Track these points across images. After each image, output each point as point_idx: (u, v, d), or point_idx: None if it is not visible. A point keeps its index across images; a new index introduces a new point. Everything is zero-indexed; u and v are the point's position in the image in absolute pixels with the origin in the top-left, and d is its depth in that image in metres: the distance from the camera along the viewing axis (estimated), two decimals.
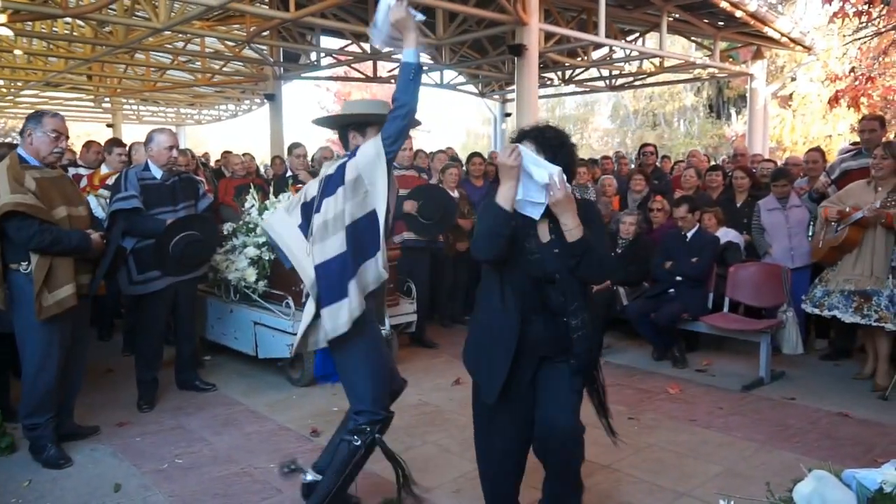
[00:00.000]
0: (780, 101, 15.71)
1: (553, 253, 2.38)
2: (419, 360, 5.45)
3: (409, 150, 5.72)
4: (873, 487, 1.35)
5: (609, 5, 9.28)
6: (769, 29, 10.88)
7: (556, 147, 2.38)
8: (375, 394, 2.76)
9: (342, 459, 2.74)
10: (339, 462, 2.75)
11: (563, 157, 2.37)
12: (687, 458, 3.56)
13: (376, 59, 12.16)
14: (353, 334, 2.68)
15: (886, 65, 10.76)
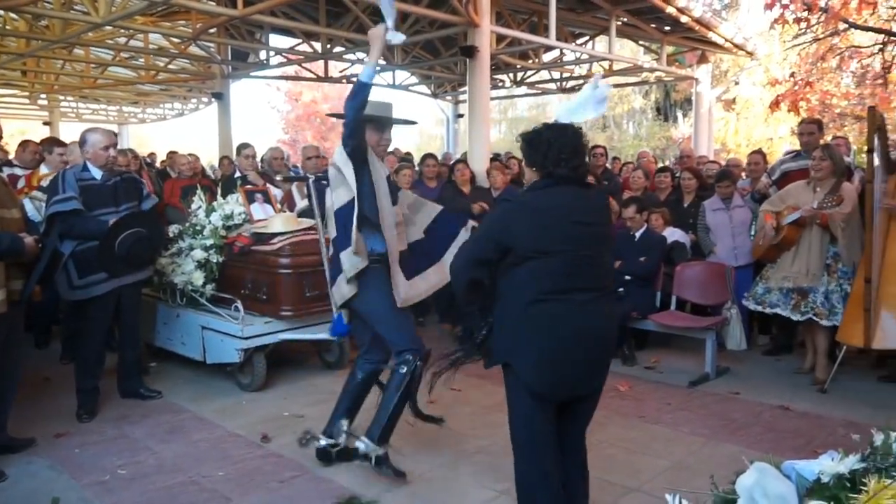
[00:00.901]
0: (724, 104, 16.14)
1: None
2: None
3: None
4: (811, 478, 1.39)
5: (559, 8, 9.37)
6: (713, 34, 11.16)
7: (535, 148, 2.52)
8: (409, 335, 3.31)
9: (395, 386, 3.29)
10: (392, 390, 3.30)
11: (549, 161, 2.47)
12: (636, 453, 3.61)
13: (328, 58, 12.03)
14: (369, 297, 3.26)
15: (824, 70, 11.17)
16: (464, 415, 4.23)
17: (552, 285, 2.40)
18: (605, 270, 2.57)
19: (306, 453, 3.63)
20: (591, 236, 2.47)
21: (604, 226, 2.59)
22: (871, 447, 1.39)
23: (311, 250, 4.70)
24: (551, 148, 2.48)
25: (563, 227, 2.43)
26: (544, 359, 2.42)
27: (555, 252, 2.41)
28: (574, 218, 2.45)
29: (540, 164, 2.51)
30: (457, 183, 6.50)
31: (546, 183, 2.51)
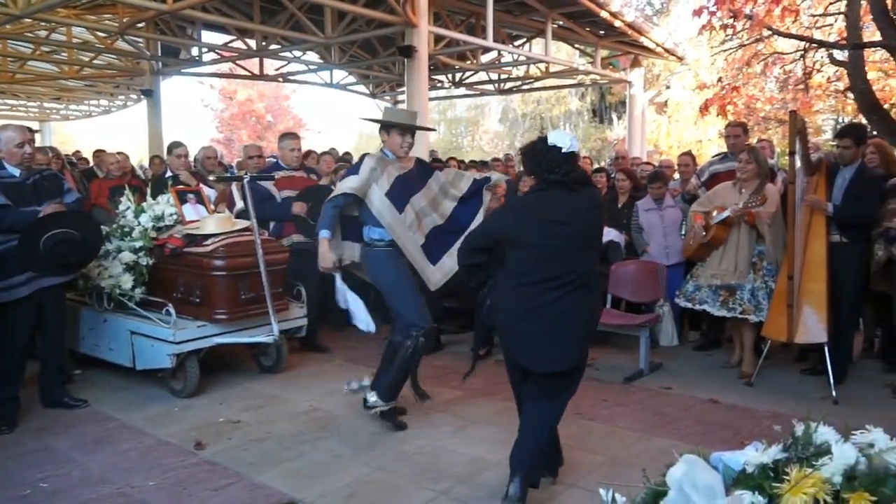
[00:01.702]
0: (656, 107, 16.59)
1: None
2: (310, 365, 5.33)
3: (297, 151, 5.59)
4: (737, 468, 1.43)
5: (497, 10, 9.47)
6: (645, 39, 11.49)
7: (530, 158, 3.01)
8: (413, 310, 3.79)
9: (401, 357, 3.82)
10: (398, 360, 3.82)
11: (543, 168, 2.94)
12: (574, 449, 3.66)
13: (263, 56, 11.82)
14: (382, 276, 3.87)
15: (749, 75, 11.60)
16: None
17: (526, 273, 2.89)
18: (580, 263, 2.92)
19: (242, 459, 3.55)
20: (569, 234, 2.88)
21: (587, 222, 2.95)
22: (792, 437, 1.44)
23: (247, 252, 4.60)
24: (544, 159, 2.94)
25: (541, 226, 2.89)
26: (512, 333, 2.99)
27: (530, 245, 2.89)
28: (554, 218, 2.89)
29: (536, 171, 3.01)
30: None
31: (539, 187, 2.99)
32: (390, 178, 3.80)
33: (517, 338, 2.97)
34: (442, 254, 3.92)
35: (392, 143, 3.86)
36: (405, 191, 3.83)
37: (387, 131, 3.87)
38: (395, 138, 3.85)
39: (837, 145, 4.80)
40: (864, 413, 4.05)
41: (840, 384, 4.50)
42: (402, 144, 3.86)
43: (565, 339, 2.91)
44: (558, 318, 2.87)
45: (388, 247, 3.81)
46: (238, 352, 5.34)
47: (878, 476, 1.31)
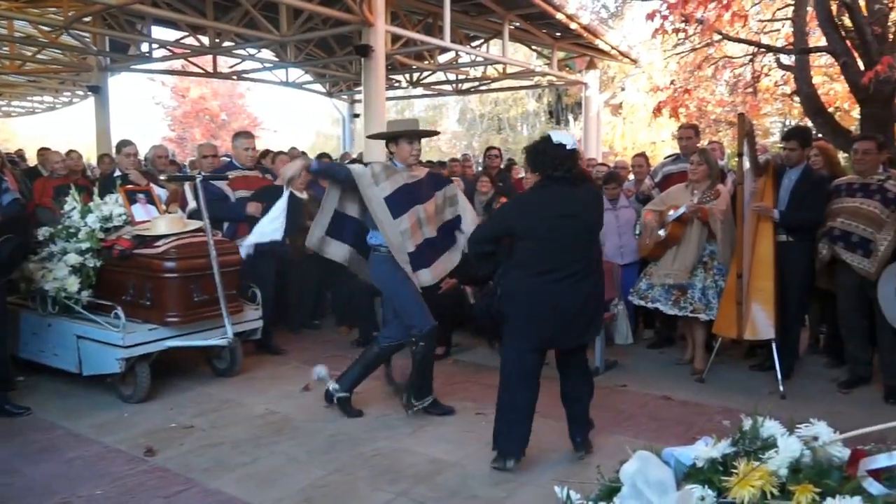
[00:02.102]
0: (611, 108, 16.85)
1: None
2: (266, 368, 5.25)
3: (252, 150, 5.49)
4: (688, 463, 1.46)
5: (454, 11, 9.48)
6: (600, 41, 11.65)
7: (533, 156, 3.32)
8: (413, 313, 3.97)
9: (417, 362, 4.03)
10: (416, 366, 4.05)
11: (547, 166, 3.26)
12: (531, 448, 3.67)
13: (216, 53, 11.60)
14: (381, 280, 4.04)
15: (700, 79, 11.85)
16: (360, 418, 4.18)
17: (536, 264, 3.22)
18: (585, 253, 3.30)
19: (195, 465, 3.48)
20: (573, 226, 3.23)
21: (589, 216, 3.33)
22: (740, 432, 1.47)
23: (200, 253, 4.51)
24: (549, 157, 3.24)
25: (549, 220, 3.20)
26: (524, 317, 3.29)
27: (538, 238, 3.21)
28: (561, 212, 3.20)
29: (541, 169, 3.29)
30: None
31: (544, 183, 3.29)
32: (395, 184, 3.90)
33: (525, 319, 3.29)
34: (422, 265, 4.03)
35: (402, 152, 3.99)
36: (409, 199, 3.94)
37: (395, 142, 4.00)
38: (405, 147, 3.98)
39: (784, 147, 4.94)
40: (810, 407, 4.17)
41: (787, 379, 4.63)
42: (411, 152, 4.00)
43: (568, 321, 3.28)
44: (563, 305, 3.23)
45: (389, 253, 3.93)
46: (191, 355, 5.22)
47: (821, 468, 1.34)
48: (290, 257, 6.03)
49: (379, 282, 4.09)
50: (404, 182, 3.94)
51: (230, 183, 5.21)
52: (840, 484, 1.30)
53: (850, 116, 9.89)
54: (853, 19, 6.82)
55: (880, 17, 7.16)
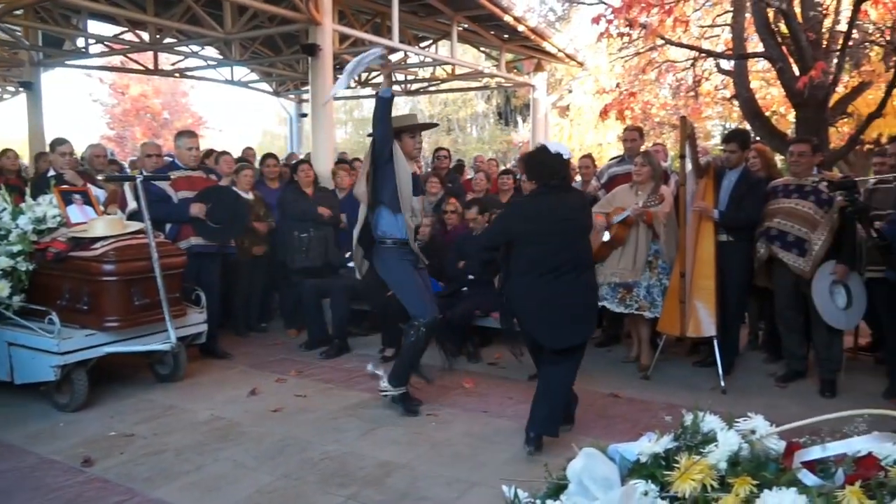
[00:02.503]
0: (559, 110, 17.06)
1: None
2: (211, 373, 5.14)
3: (195, 150, 5.35)
4: (632, 459, 1.48)
5: (402, 11, 9.45)
6: (547, 44, 11.78)
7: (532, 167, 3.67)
8: (418, 303, 4.11)
9: (406, 346, 4.18)
10: (404, 350, 4.22)
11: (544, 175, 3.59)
12: (480, 448, 3.70)
13: (157, 49, 11.29)
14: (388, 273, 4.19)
15: (644, 82, 12.12)
16: (309, 421, 4.13)
17: (540, 265, 3.51)
18: (582, 252, 3.63)
19: (136, 474, 3.37)
20: (571, 229, 3.56)
21: (582, 219, 3.68)
22: (682, 427, 1.51)
23: (140, 255, 4.38)
24: (547, 166, 3.57)
25: (550, 224, 3.50)
26: (533, 318, 3.59)
27: (542, 242, 3.50)
28: (560, 216, 3.53)
29: (537, 177, 3.62)
30: (300, 184, 6.33)
31: (541, 191, 3.60)
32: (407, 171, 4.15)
33: (537, 322, 3.60)
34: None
35: (407, 146, 4.16)
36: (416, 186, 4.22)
37: (398, 137, 4.13)
38: (408, 141, 4.18)
39: (724, 150, 5.08)
40: (749, 401, 4.30)
41: (728, 375, 4.76)
42: (414, 145, 4.23)
43: (578, 317, 3.58)
44: (570, 302, 3.53)
45: (395, 245, 4.14)
46: (132, 361, 5.08)
47: (759, 461, 1.38)
48: (236, 259, 5.93)
49: (385, 272, 4.23)
50: (413, 171, 4.22)
51: (173, 183, 5.08)
52: (776, 476, 1.34)
53: (786, 120, 10.25)
54: (789, 26, 7.08)
55: (814, 24, 7.46)
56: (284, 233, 6.15)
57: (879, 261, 4.35)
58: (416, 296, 4.15)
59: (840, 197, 4.30)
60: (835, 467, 1.35)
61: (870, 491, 1.24)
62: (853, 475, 1.29)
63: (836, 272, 4.42)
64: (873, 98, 8.33)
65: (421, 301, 4.15)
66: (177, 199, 5.12)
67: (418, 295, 4.16)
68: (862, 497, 1.21)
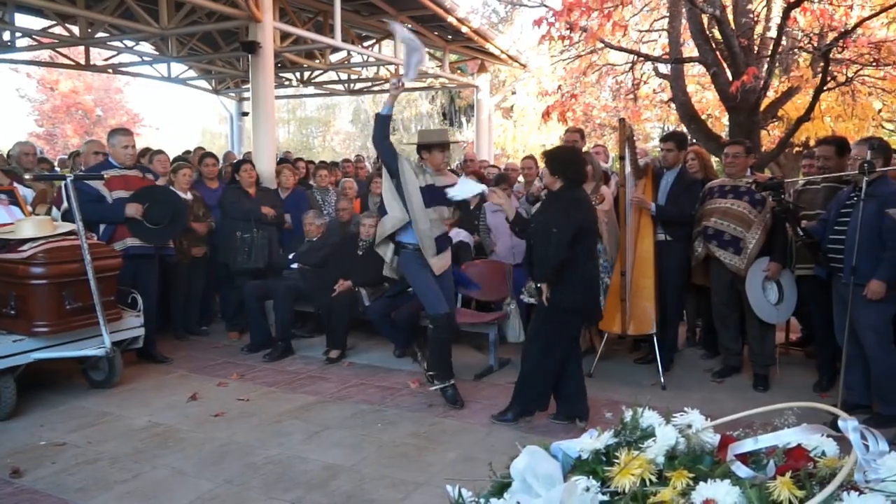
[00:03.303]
0: (503, 112, 17.20)
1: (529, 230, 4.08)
2: (149, 378, 4.99)
3: (131, 148, 5.18)
4: (574, 455, 1.51)
5: (345, 10, 9.38)
6: (491, 45, 11.86)
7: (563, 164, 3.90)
8: (431, 302, 4.37)
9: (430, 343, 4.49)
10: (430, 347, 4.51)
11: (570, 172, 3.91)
12: (426, 448, 3.70)
13: (89, 44, 10.88)
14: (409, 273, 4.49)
15: (586, 84, 12.32)
16: (251, 425, 4.05)
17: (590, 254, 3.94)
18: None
19: (69, 485, 3.25)
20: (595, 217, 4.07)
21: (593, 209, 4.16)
22: (622, 423, 1.54)
23: (72, 257, 4.22)
24: (574, 163, 3.91)
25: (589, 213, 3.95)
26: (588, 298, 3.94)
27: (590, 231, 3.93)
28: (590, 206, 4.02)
29: (562, 172, 3.86)
30: (241, 184, 6.21)
31: (571, 186, 3.88)
32: (426, 181, 4.38)
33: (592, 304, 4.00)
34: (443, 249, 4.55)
35: (435, 160, 4.43)
36: (436, 196, 4.37)
37: (427, 150, 4.44)
38: (437, 155, 4.44)
39: (662, 148, 5.22)
40: (688, 396, 4.43)
41: (667, 371, 4.90)
42: (442, 160, 4.47)
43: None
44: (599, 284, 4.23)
45: (416, 250, 4.39)
46: (64, 367, 4.89)
47: (695, 454, 1.42)
48: (175, 261, 5.77)
49: (406, 272, 4.52)
50: (433, 182, 4.39)
51: (107, 183, 4.91)
52: (711, 468, 1.38)
53: (721, 123, 10.58)
54: (722, 32, 7.32)
55: (746, 31, 7.74)
56: (226, 233, 6.03)
57: (809, 259, 4.53)
58: (427, 292, 4.41)
59: (768, 197, 4.46)
60: (766, 459, 1.39)
61: (799, 481, 1.28)
62: (783, 466, 1.34)
63: (769, 270, 4.60)
64: (802, 103, 8.68)
65: (428, 298, 4.40)
66: (111, 199, 4.95)
67: (426, 293, 4.42)
68: (792, 487, 1.25)
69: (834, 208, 4.16)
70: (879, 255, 3.79)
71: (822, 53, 7.27)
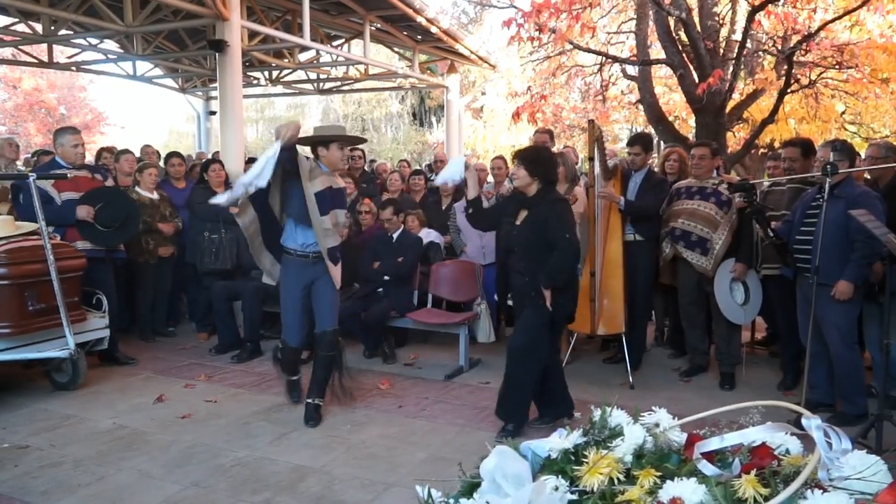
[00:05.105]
0: (472, 112, 17.24)
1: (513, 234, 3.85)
2: (113, 380, 4.90)
3: (81, 147, 5.02)
4: (544, 455, 1.52)
5: (313, 9, 9.32)
6: (460, 46, 11.88)
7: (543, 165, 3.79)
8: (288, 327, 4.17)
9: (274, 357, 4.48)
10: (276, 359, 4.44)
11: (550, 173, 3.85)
12: (396, 449, 3.69)
13: (52, 42, 10.66)
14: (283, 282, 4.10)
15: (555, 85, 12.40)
16: (219, 427, 4.00)
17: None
18: None
19: (32, 488, 3.18)
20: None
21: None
22: (590, 423, 1.55)
23: (34, 257, 4.13)
24: (548, 163, 3.84)
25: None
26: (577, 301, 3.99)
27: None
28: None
29: (541, 174, 3.77)
30: (210, 184, 6.12)
31: (548, 187, 3.83)
32: (323, 184, 3.96)
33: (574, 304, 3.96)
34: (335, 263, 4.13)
35: (332, 156, 4.03)
36: (331, 201, 4.01)
37: (325, 146, 4.02)
38: (336, 152, 4.04)
39: (629, 152, 5.28)
40: (656, 395, 4.49)
41: (636, 371, 4.95)
42: (342, 157, 4.14)
43: None
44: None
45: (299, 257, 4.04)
46: (27, 369, 4.78)
47: (662, 453, 1.44)
48: (131, 263, 5.66)
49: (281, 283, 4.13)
50: (330, 184, 4.01)
51: (55, 184, 4.77)
52: (678, 467, 1.40)
53: (688, 124, 10.73)
54: (688, 35, 7.43)
55: (712, 33, 7.86)
56: (193, 234, 5.94)
57: (774, 259, 4.60)
58: (284, 314, 4.17)
59: (739, 198, 4.52)
60: (732, 457, 1.42)
61: (764, 479, 1.30)
62: (749, 464, 1.36)
63: (735, 270, 4.67)
64: (766, 105, 8.86)
65: (286, 321, 4.17)
66: (60, 200, 4.82)
67: (287, 316, 4.16)
68: (757, 485, 1.27)
69: (799, 209, 4.21)
70: (846, 256, 3.84)
71: (785, 56, 7.42)
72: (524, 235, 3.80)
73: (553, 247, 3.70)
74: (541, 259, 3.71)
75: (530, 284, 3.74)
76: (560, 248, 3.69)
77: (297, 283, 4.06)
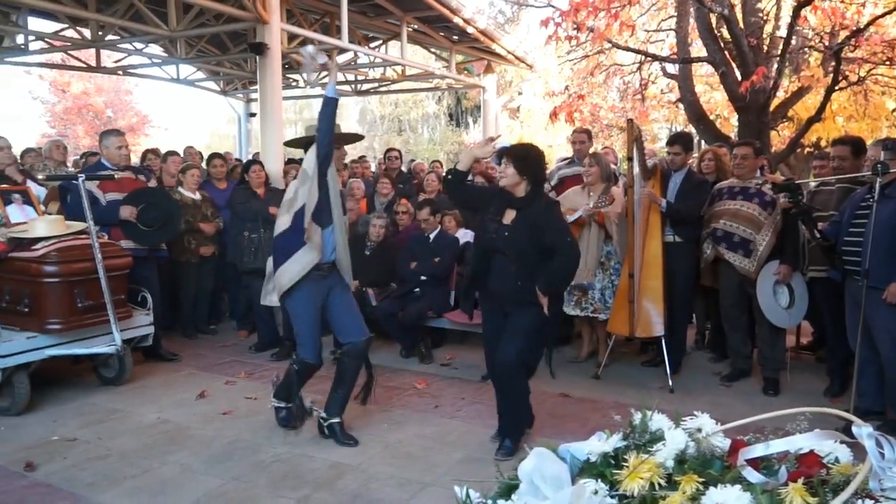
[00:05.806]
0: (509, 112, 17.18)
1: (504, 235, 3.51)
2: (158, 376, 5.02)
3: (125, 149, 5.15)
4: (582, 458, 1.51)
5: (351, 11, 9.39)
6: (497, 46, 11.85)
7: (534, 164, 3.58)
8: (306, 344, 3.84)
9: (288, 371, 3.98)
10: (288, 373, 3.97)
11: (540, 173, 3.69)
12: (432, 449, 3.71)
13: (99, 46, 10.94)
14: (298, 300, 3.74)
15: (593, 84, 12.29)
16: (259, 423, 4.07)
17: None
18: None
19: (80, 479, 3.28)
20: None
21: None
22: (630, 426, 1.54)
23: (84, 256, 4.26)
24: (539, 161, 3.66)
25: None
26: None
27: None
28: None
29: (532, 174, 3.55)
30: (250, 184, 6.22)
31: (537, 187, 3.61)
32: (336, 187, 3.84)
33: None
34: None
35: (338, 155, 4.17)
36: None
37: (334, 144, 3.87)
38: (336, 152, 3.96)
39: (669, 152, 5.20)
40: (696, 400, 4.42)
41: (675, 374, 4.87)
42: (339, 156, 4.25)
43: None
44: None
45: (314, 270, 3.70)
46: (75, 364, 4.92)
47: (704, 458, 1.42)
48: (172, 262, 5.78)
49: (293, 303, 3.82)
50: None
51: (101, 185, 4.91)
52: (721, 473, 1.37)
53: (730, 123, 10.53)
54: (731, 31, 7.28)
55: (755, 30, 7.70)
56: (234, 234, 6.04)
57: (821, 261, 4.47)
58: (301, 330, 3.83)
59: (784, 199, 4.42)
60: (778, 465, 1.38)
61: (812, 488, 1.27)
62: (796, 472, 1.33)
63: (780, 272, 4.55)
64: (812, 103, 8.63)
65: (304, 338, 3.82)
66: (105, 201, 4.94)
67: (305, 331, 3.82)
68: (805, 494, 1.24)
69: (848, 210, 4.09)
70: None
71: (833, 52, 7.22)
72: (517, 238, 3.48)
73: (551, 251, 3.45)
74: (536, 263, 3.46)
75: (524, 289, 3.46)
76: (563, 253, 3.47)
77: (316, 297, 3.76)
